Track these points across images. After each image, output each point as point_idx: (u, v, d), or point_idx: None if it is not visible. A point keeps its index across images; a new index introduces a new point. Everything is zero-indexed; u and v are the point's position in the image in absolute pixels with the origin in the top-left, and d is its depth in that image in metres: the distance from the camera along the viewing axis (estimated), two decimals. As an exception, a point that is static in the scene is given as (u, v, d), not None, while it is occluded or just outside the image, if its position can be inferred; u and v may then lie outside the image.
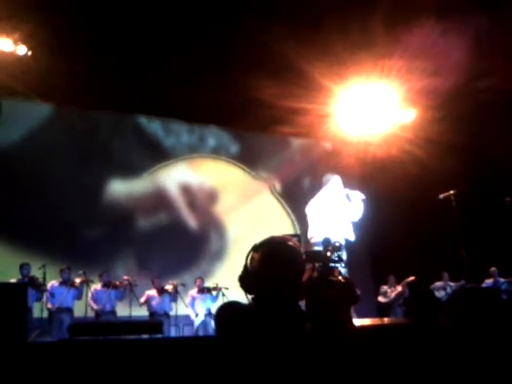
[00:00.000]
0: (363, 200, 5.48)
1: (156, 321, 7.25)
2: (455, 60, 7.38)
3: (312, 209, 5.53)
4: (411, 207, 10.13)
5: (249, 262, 1.73)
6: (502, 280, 9.33)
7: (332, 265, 1.81)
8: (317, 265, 1.66)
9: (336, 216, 5.29)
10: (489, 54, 7.20)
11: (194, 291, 8.95)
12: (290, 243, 1.71)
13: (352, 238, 5.37)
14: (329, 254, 1.70)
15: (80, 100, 9.38)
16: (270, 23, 7.15)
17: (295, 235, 2.12)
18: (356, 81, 8.87)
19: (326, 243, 1.71)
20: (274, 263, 1.65)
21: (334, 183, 5.57)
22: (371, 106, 9.87)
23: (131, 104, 9.98)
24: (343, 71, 8.43)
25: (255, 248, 1.72)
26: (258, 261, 1.68)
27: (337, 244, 1.79)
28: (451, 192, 6.13)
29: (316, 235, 5.28)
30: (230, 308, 1.75)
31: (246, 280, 1.70)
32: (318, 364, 1.43)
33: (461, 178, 8.33)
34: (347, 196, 5.42)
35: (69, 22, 7.40)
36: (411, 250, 10.50)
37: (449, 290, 9.20)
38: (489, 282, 9.34)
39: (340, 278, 1.64)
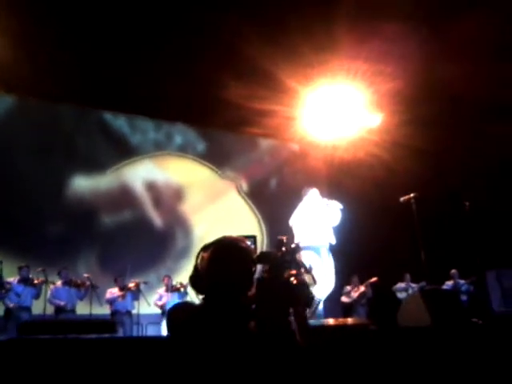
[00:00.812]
0: (340, 209, 5.83)
1: (109, 320, 7.11)
2: (418, 64, 7.52)
3: (296, 219, 5.91)
4: (377, 209, 10.26)
5: (199, 261, 1.72)
6: (461, 282, 9.58)
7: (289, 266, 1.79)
8: (267, 266, 1.65)
9: (318, 223, 5.69)
10: (452, 59, 7.35)
11: (161, 290, 8.85)
12: (241, 244, 1.71)
13: (333, 241, 5.78)
14: (280, 254, 1.68)
15: (43, 92, 9.15)
16: (237, 24, 7.18)
17: (251, 236, 2.10)
18: (322, 83, 8.93)
19: (278, 244, 1.69)
20: (221, 263, 1.65)
21: (312, 195, 6.00)
22: (338, 108, 9.95)
23: (96, 99, 9.79)
24: (309, 73, 8.48)
25: (205, 247, 1.73)
26: (207, 260, 1.68)
27: (292, 246, 1.77)
28: (411, 195, 6.22)
29: (302, 241, 5.57)
30: (180, 308, 1.74)
31: (195, 280, 1.69)
32: (259, 362, 1.43)
33: (425, 181, 8.50)
34: (326, 205, 5.79)
35: (33, 12, 7.21)
36: (375, 252, 10.66)
37: (410, 291, 9.37)
38: (449, 283, 9.57)
39: (293, 279, 1.62)
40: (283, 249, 1.70)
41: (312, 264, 5.31)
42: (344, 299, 9.80)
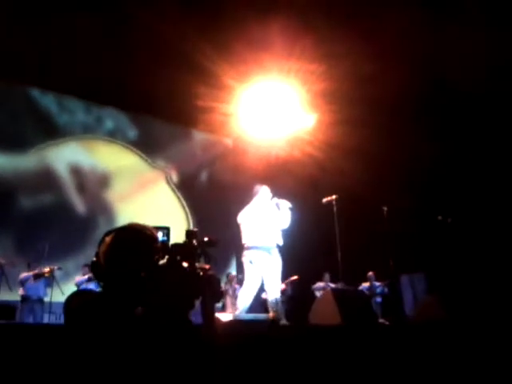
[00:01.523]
0: (290, 208, 5.76)
1: (9, 305, 6.70)
2: (350, 64, 7.74)
3: (245, 217, 5.83)
4: (308, 208, 10.46)
5: (101, 246, 1.67)
6: (377, 284, 9.97)
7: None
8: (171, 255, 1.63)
9: (267, 223, 5.63)
10: (380, 58, 7.62)
11: (81, 277, 8.52)
12: (145, 231, 1.68)
13: (281, 242, 5.69)
14: (190, 246, 1.68)
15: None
16: (175, 17, 7.13)
17: (164, 228, 2.06)
18: (257, 80, 9.01)
19: (190, 236, 1.68)
20: (119, 249, 1.61)
21: (263, 193, 5.92)
22: (273, 106, 10.05)
23: (23, 73, 9.29)
24: (244, 70, 8.54)
25: (108, 232, 1.68)
26: (107, 246, 1.63)
27: (205, 239, 1.77)
28: (333, 197, 6.39)
29: (249, 241, 5.64)
30: (77, 296, 1.68)
31: (95, 266, 1.64)
32: (140, 348, 1.42)
33: (355, 181, 8.78)
34: (277, 205, 5.71)
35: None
36: (300, 250, 10.88)
37: (329, 290, 9.63)
38: (365, 285, 9.94)
39: (200, 271, 1.62)
40: (194, 241, 1.70)
41: (263, 263, 5.40)
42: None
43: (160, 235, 1.80)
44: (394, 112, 8.66)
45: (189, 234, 1.75)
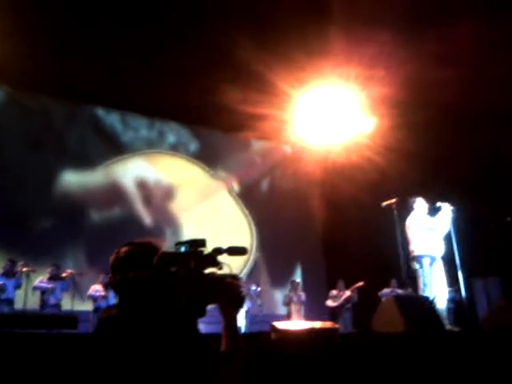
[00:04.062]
0: (452, 210, 6.01)
1: (71, 316, 6.94)
2: (410, 69, 7.53)
3: (412, 226, 6.11)
4: (368, 214, 10.24)
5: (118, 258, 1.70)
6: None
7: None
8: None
9: (430, 232, 5.96)
10: (444, 66, 7.35)
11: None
12: (153, 244, 1.69)
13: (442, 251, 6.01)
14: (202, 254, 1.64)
15: (36, 85, 9.14)
16: (232, 29, 7.25)
17: (191, 241, 1.92)
18: (315, 87, 8.96)
19: (202, 244, 1.65)
20: (126, 261, 1.63)
21: (420, 204, 6.19)
22: (331, 112, 9.96)
23: (89, 94, 9.77)
24: (302, 77, 8.52)
25: (126, 244, 1.70)
26: (112, 259, 1.67)
27: (217, 247, 1.73)
28: (393, 200, 6.20)
29: (416, 250, 5.98)
30: (106, 308, 1.74)
31: (111, 280, 1.68)
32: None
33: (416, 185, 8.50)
34: (436, 209, 6.03)
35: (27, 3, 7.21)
36: (365, 256, 10.65)
37: (397, 297, 9.34)
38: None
39: (214, 277, 1.59)
40: (204, 249, 1.66)
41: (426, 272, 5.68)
42: (329, 303, 9.76)
43: (183, 248, 1.74)
44: (453, 116, 8.35)
45: (203, 242, 1.70)
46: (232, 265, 1.71)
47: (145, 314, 1.51)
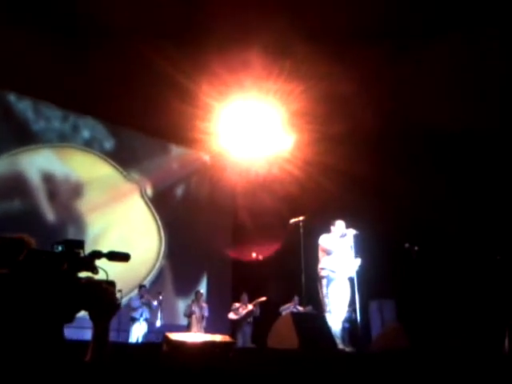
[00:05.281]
0: (355, 235, 6.26)
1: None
2: (326, 84, 7.86)
3: (323, 246, 6.26)
4: (278, 230, 10.42)
5: None
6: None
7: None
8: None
9: (345, 254, 6.20)
10: (359, 83, 7.76)
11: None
12: (27, 242, 1.62)
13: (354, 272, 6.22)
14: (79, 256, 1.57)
15: None
16: (155, 39, 7.27)
17: (66, 241, 1.84)
18: (237, 100, 9.08)
19: (81, 245, 1.57)
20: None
21: (339, 227, 6.33)
22: (253, 125, 10.08)
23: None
24: (224, 90, 8.65)
25: None
26: None
27: (94, 250, 1.66)
28: (300, 218, 6.36)
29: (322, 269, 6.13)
30: None
31: None
32: None
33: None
34: (343, 235, 6.25)
35: None
36: (271, 271, 10.83)
37: (297, 313, 9.55)
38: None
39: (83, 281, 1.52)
40: (81, 251, 1.59)
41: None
42: (231, 316, 9.79)
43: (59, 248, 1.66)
44: (370, 132, 8.80)
45: (82, 243, 1.63)
46: (135, 271, 1.64)
47: None
